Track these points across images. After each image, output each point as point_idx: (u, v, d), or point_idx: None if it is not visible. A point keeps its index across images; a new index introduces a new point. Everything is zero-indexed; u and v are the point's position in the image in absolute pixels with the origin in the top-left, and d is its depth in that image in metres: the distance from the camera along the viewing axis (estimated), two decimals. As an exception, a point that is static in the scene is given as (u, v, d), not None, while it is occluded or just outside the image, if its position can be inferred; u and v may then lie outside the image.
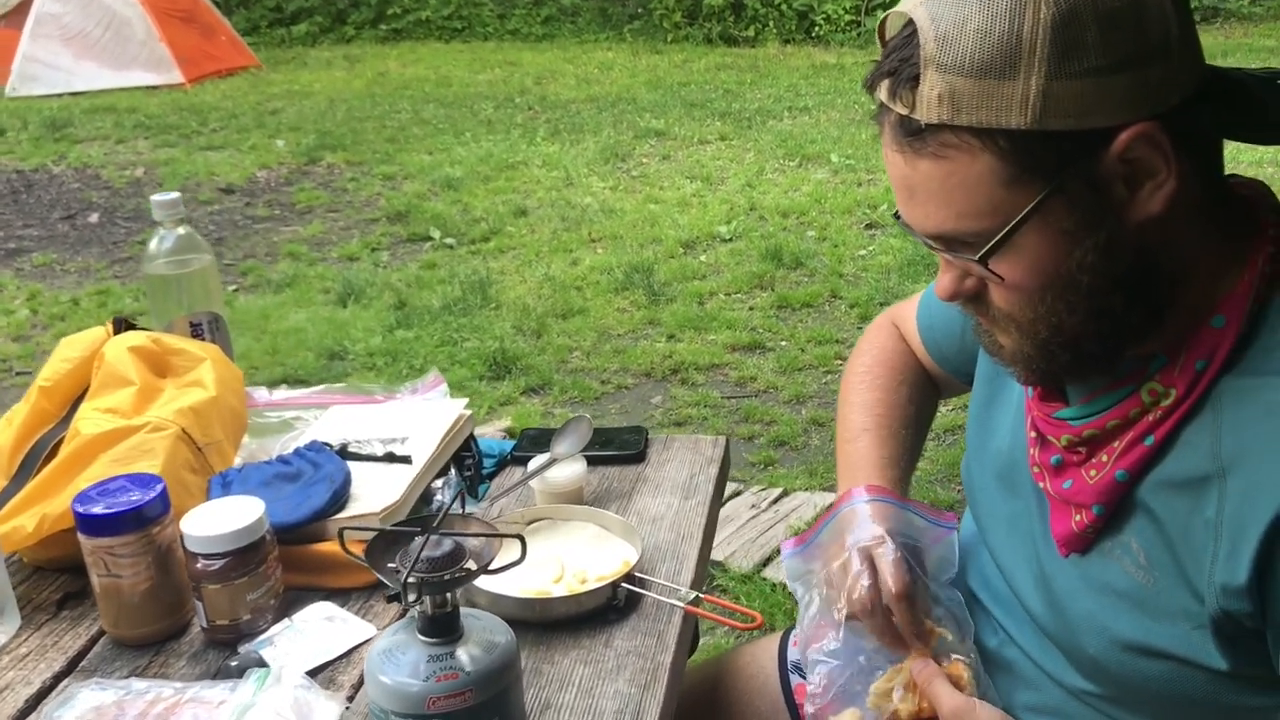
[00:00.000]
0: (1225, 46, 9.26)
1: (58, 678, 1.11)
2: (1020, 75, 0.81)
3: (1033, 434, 1.03)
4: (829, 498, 3.14)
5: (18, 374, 4.30)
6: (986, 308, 0.95)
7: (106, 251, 5.74)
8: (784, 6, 10.78)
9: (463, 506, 1.04)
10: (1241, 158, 5.64)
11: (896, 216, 0.95)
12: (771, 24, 10.80)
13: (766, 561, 2.86)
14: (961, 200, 0.87)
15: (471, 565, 0.95)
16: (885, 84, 0.88)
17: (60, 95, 9.45)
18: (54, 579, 1.27)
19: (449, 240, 5.62)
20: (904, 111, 0.86)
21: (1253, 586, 0.84)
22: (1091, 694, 1.01)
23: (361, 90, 9.52)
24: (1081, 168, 0.84)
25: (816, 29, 10.66)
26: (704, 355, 4.17)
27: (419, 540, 0.94)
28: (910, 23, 0.86)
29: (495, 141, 7.50)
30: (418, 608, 0.94)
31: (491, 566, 0.95)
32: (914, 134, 0.86)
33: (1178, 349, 0.90)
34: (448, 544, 0.94)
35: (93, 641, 1.17)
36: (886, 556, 1.09)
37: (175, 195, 1.43)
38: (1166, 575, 0.91)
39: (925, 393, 1.32)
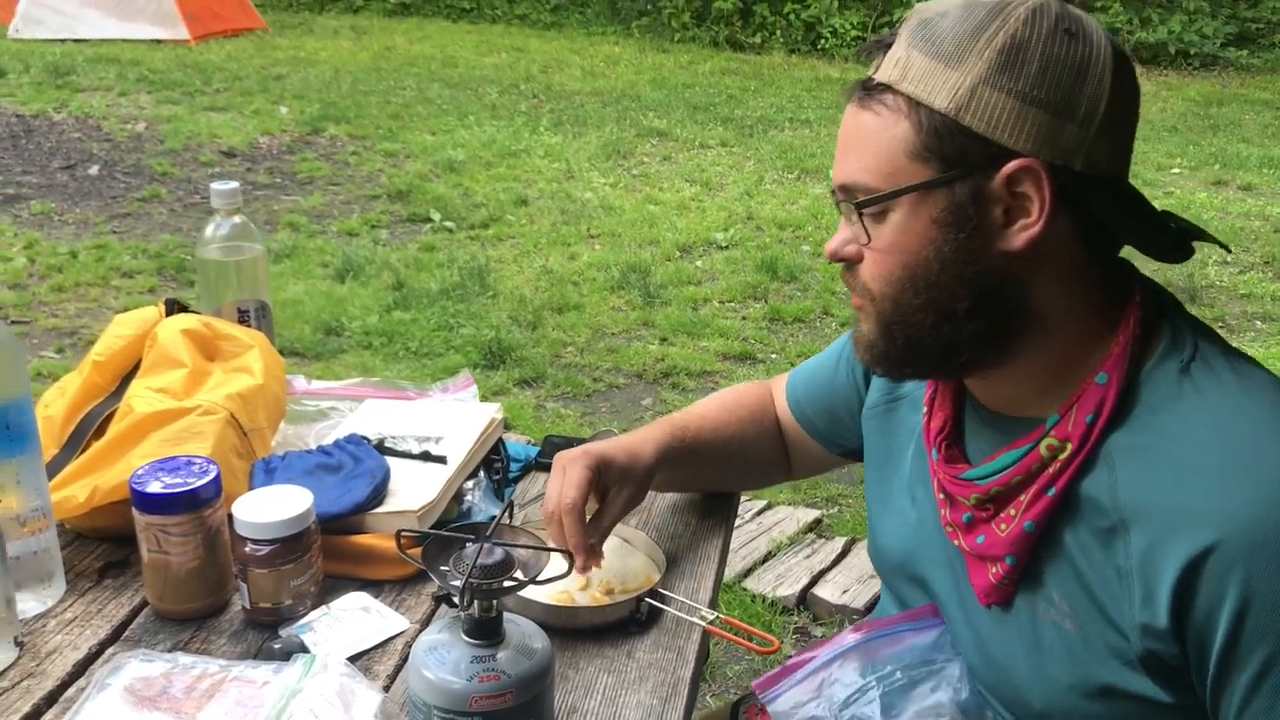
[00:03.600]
0: (1221, 95, 9.41)
1: (103, 645, 1.17)
2: (962, 68, 0.93)
3: (941, 495, 1.10)
4: (812, 514, 3.21)
5: (13, 323, 4.31)
6: (855, 279, 1.04)
7: (105, 205, 5.74)
8: (792, 16, 10.85)
9: (510, 517, 1.10)
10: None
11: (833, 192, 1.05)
12: (779, 33, 10.87)
13: (748, 572, 2.93)
14: (871, 155, 0.97)
15: (520, 575, 1.01)
16: (872, 53, 1.01)
17: (63, 41, 9.40)
18: (95, 547, 1.32)
19: (449, 224, 5.66)
20: (871, 72, 0.99)
21: (1173, 629, 0.92)
22: None
23: (367, 63, 9.52)
24: (973, 173, 0.94)
25: (823, 41, 10.74)
26: (696, 361, 4.24)
27: (473, 547, 1.00)
28: (914, 9, 1.00)
29: (499, 127, 7.53)
30: (465, 610, 1.00)
31: (539, 578, 1.01)
32: (868, 90, 0.98)
33: (1069, 406, 0.99)
34: (499, 553, 1.00)
35: (135, 612, 1.22)
36: (571, 473, 1.21)
37: (234, 185, 1.48)
38: (1091, 619, 0.97)
39: (764, 439, 1.41)
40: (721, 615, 1.20)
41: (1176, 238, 1.01)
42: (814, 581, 2.88)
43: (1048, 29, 0.93)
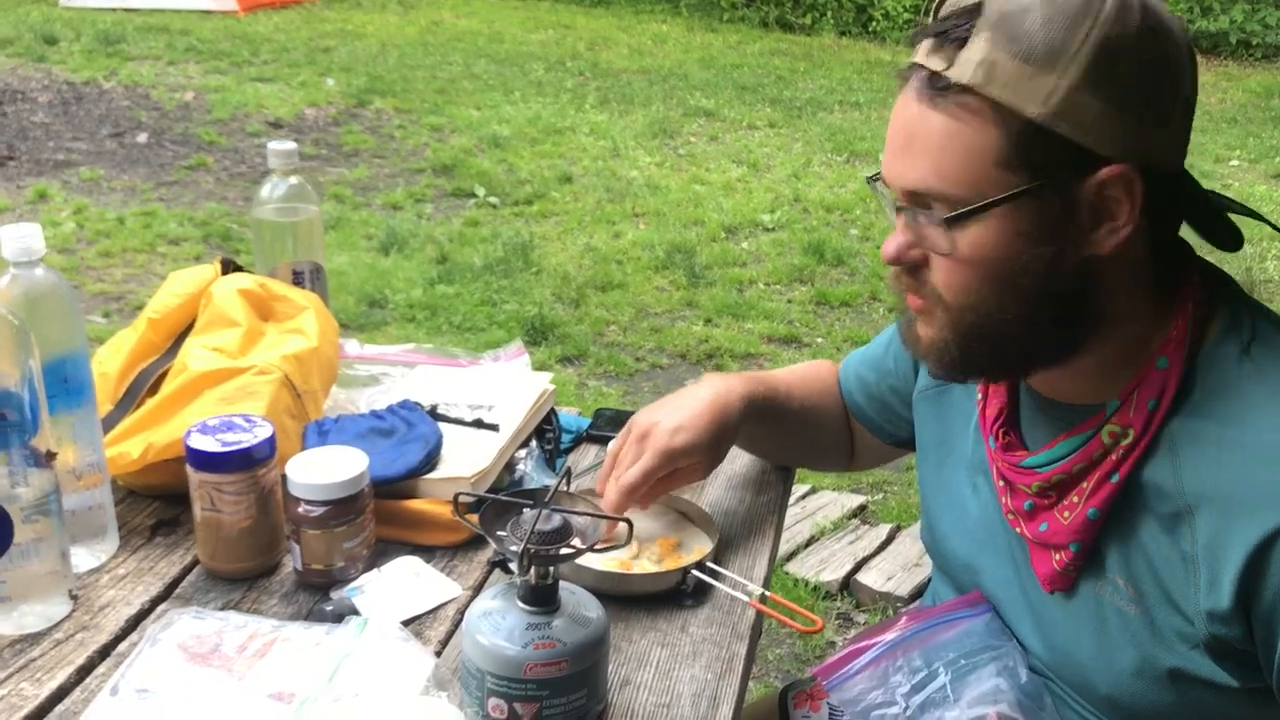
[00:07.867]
0: (1278, 86, 9.21)
1: (155, 601, 1.16)
2: (1055, 72, 0.87)
3: (1001, 483, 1.08)
4: (857, 499, 3.18)
5: (62, 286, 4.35)
6: (921, 284, 0.99)
7: (153, 173, 5.77)
8: (844, -2, 10.73)
9: (568, 485, 1.08)
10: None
11: (871, 179, 1.00)
12: (829, 14, 10.75)
13: (791, 556, 2.91)
14: (952, 162, 0.91)
15: (578, 542, 0.99)
16: (929, 42, 0.93)
17: (114, 10, 9.45)
18: (147, 504, 1.32)
19: (493, 199, 5.65)
20: (939, 68, 0.91)
21: (1238, 613, 0.90)
22: None
23: (414, 37, 9.51)
24: (1065, 180, 0.90)
25: (874, 24, 10.61)
26: (740, 343, 4.21)
27: (531, 513, 0.99)
28: (980, 3, 0.91)
29: (544, 104, 7.50)
30: (521, 577, 0.98)
31: (597, 546, 0.99)
32: (940, 89, 0.91)
33: (1130, 391, 0.97)
34: (556, 519, 0.99)
35: (187, 570, 1.21)
36: (646, 461, 1.20)
37: (292, 145, 1.46)
38: (1157, 603, 0.96)
39: (837, 416, 1.40)
40: (768, 593, 1.18)
41: (1230, 223, 0.99)
42: (858, 568, 2.85)
43: (1136, 27, 0.88)
